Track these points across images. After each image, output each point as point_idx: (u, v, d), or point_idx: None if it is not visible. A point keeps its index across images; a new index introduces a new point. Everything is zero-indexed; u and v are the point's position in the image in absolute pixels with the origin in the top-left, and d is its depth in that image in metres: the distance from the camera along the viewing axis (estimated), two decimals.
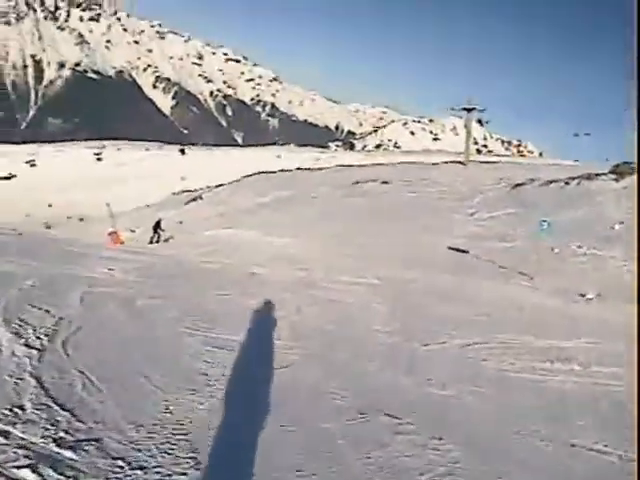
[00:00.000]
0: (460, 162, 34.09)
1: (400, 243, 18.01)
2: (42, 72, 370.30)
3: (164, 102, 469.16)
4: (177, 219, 31.85)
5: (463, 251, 16.31)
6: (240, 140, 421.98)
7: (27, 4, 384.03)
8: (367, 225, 21.88)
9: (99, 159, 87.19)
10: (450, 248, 16.78)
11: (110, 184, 69.29)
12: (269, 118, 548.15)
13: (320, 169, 41.59)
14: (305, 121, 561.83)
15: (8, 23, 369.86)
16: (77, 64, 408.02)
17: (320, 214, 25.06)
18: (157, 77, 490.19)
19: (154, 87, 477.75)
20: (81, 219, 47.19)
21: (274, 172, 43.83)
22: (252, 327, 6.69)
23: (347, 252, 16.32)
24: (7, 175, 76.21)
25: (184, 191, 51.64)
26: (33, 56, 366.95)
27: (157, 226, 23.67)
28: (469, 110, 32.81)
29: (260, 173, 44.69)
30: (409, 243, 18.06)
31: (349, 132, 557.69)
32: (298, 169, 45.42)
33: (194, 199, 42.58)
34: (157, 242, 22.70)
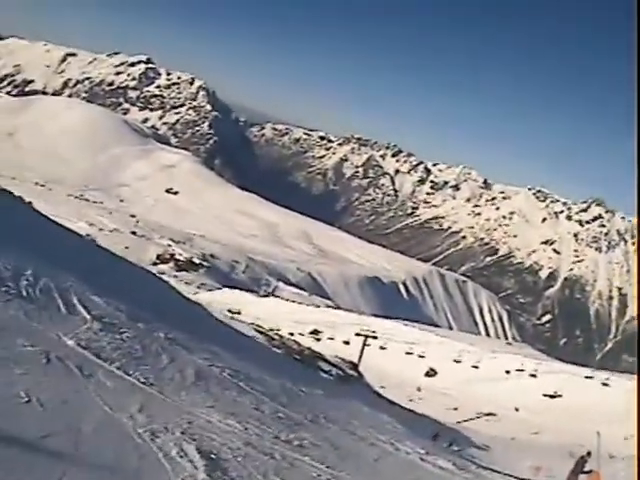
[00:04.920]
0: None
1: None
2: (625, 307, 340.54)
3: None
4: None
5: None
6: None
7: (619, 234, 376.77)
8: None
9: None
10: None
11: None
12: None
13: None
14: None
15: (599, 249, 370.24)
16: None
17: None
18: None
19: None
20: None
21: None
22: None
23: None
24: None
25: None
26: (619, 289, 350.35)
27: (579, 467, 14.93)
28: None
29: None
30: None
31: None
32: None
33: None
34: None
